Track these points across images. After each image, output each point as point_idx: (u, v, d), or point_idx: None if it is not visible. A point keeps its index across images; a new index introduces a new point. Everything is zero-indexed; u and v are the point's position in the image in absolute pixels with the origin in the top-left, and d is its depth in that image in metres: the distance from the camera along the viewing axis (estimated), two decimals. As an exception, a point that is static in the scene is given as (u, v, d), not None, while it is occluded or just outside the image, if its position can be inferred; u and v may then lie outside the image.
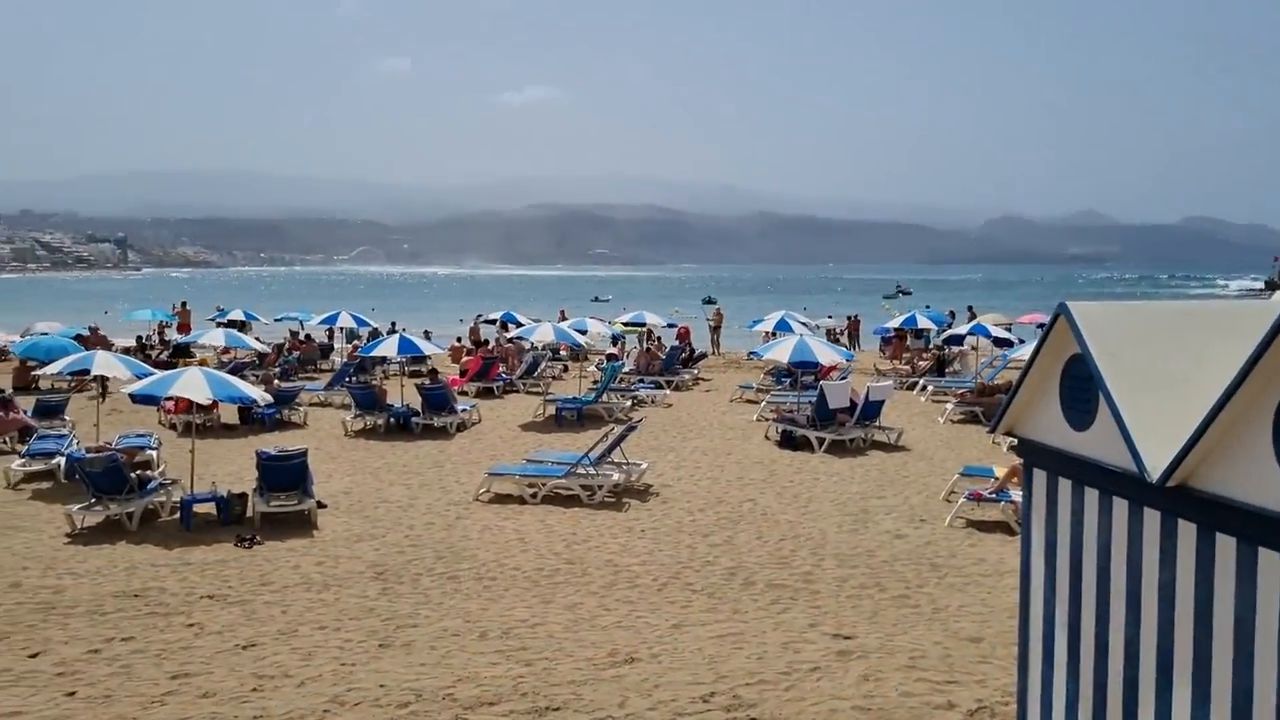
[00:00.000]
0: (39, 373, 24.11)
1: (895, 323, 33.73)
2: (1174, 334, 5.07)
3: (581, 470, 15.11)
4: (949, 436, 20.37)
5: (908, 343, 34.23)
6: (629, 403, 23.87)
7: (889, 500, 14.82)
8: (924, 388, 26.82)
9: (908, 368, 30.48)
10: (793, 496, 15.08)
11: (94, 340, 28.10)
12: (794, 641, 9.11)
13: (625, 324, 35.86)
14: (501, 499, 14.87)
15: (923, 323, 33.14)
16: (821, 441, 18.60)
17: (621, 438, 15.80)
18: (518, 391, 27.18)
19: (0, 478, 15.99)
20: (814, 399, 19.74)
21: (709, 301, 76.51)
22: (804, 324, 31.84)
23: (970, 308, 40.55)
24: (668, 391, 26.37)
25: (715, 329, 39.80)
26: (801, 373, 23.26)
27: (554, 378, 29.71)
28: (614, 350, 32.53)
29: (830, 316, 44.68)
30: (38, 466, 16.30)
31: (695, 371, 30.27)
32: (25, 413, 19.62)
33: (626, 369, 27.95)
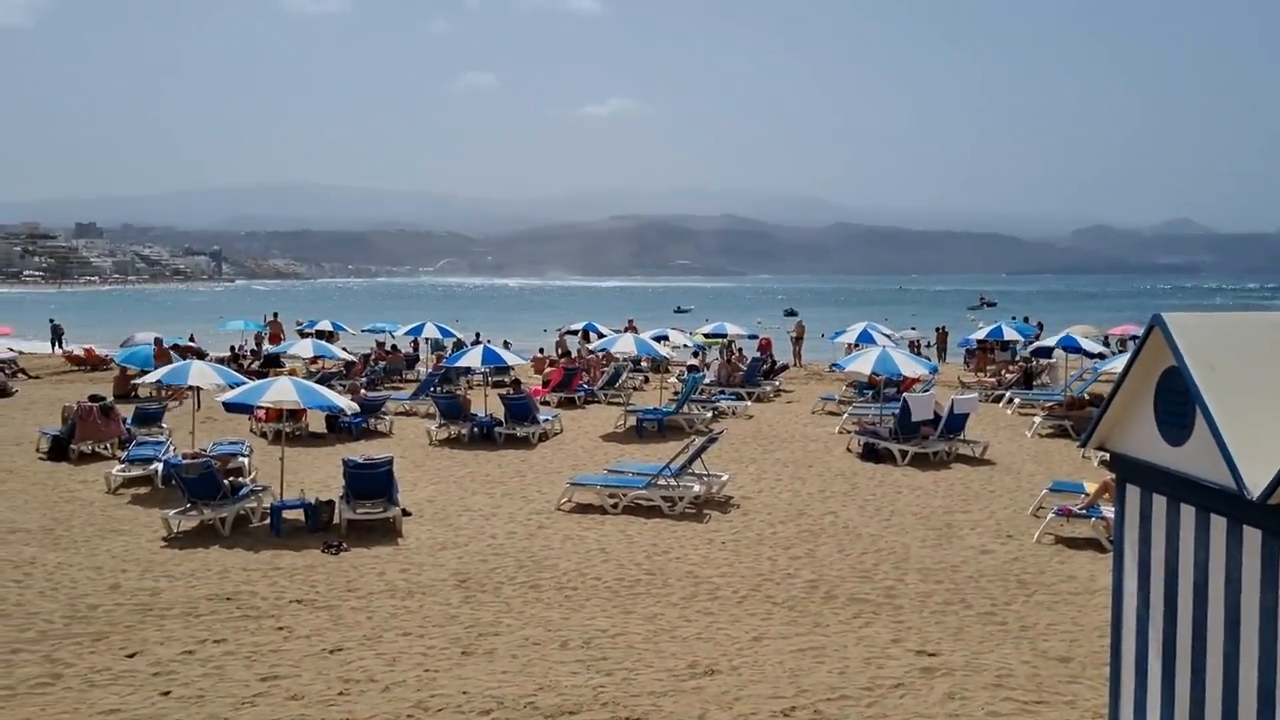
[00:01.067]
0: (138, 381, 24.91)
1: (980, 334, 33.16)
2: (1274, 346, 4.92)
3: (662, 481, 15.12)
4: (1037, 450, 19.95)
5: (993, 354, 33.63)
6: (710, 414, 23.81)
7: (974, 515, 14.56)
8: (1010, 400, 26.31)
9: (993, 380, 29.95)
10: (875, 509, 14.90)
11: (161, 354, 28.68)
12: (876, 657, 9.00)
13: (706, 335, 35.81)
14: (583, 509, 14.95)
15: (1009, 334, 32.52)
16: (904, 454, 18.36)
17: (702, 449, 15.77)
18: (599, 402, 27.30)
19: (101, 482, 16.55)
20: (897, 411, 19.50)
21: (790, 313, 76.22)
22: (887, 336, 31.45)
23: (1027, 319, 39.80)
24: (749, 403, 26.26)
25: (797, 340, 39.56)
26: (884, 384, 23.00)
27: (635, 389, 29.80)
28: (695, 361, 32.52)
29: (914, 329, 44.01)
30: (136, 472, 16.83)
31: (777, 383, 30.10)
32: (125, 420, 20.25)
33: (707, 380, 27.88)
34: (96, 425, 19.23)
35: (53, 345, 45.30)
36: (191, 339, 40.36)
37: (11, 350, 36.97)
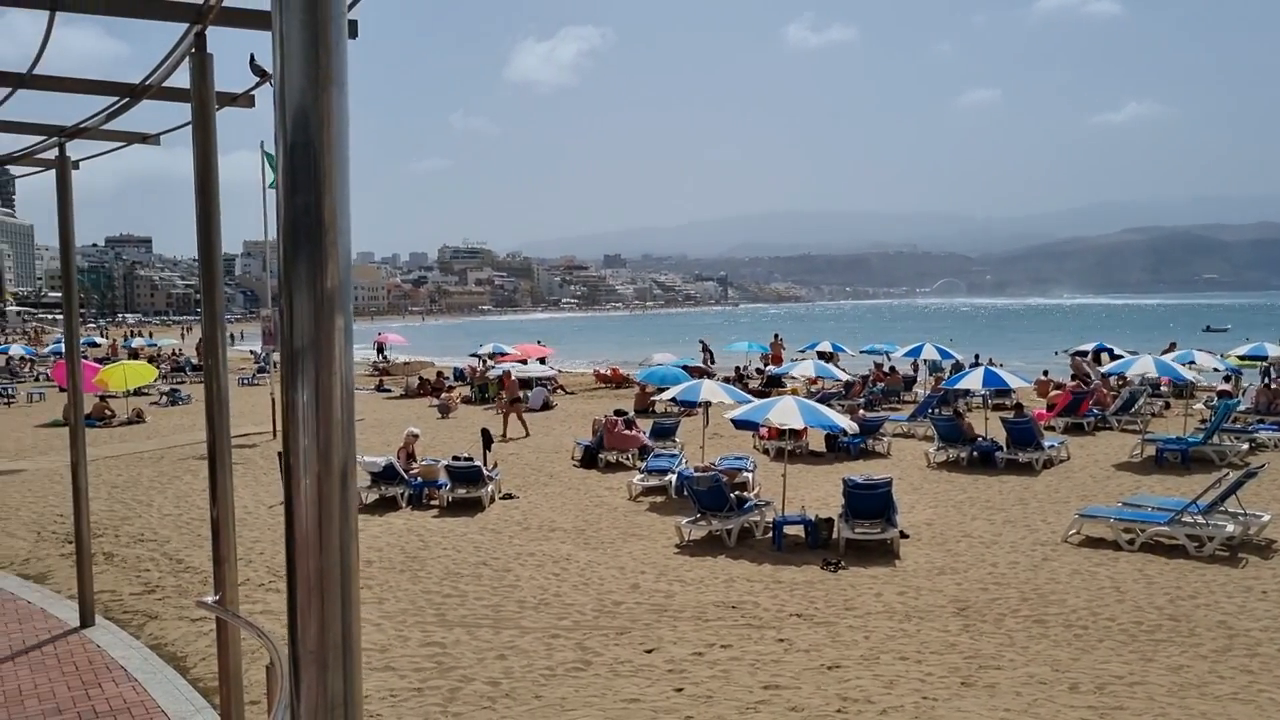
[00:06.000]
0: (656, 398, 27.11)
1: None
2: None
3: (1188, 518, 13.68)
4: None
5: None
6: (1245, 446, 21.17)
7: None
8: None
9: None
10: None
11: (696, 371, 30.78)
12: None
13: (1241, 357, 31.92)
14: (1093, 543, 13.93)
15: None
16: None
17: (1237, 485, 14.05)
18: (1111, 429, 25.34)
19: (624, 490, 18.18)
20: None
21: (1351, 332, 65.76)
22: None
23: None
24: (1296, 435, 23.00)
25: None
26: None
27: (1153, 415, 27.27)
28: (1227, 386, 29.12)
29: None
30: (653, 482, 18.26)
31: (1333, 413, 26.08)
32: (643, 433, 22.07)
33: (1242, 408, 24.86)
34: (620, 436, 21.16)
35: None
36: (712, 360, 43.08)
37: (553, 369, 41.78)
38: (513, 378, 29.47)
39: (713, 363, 42.00)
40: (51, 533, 15.07)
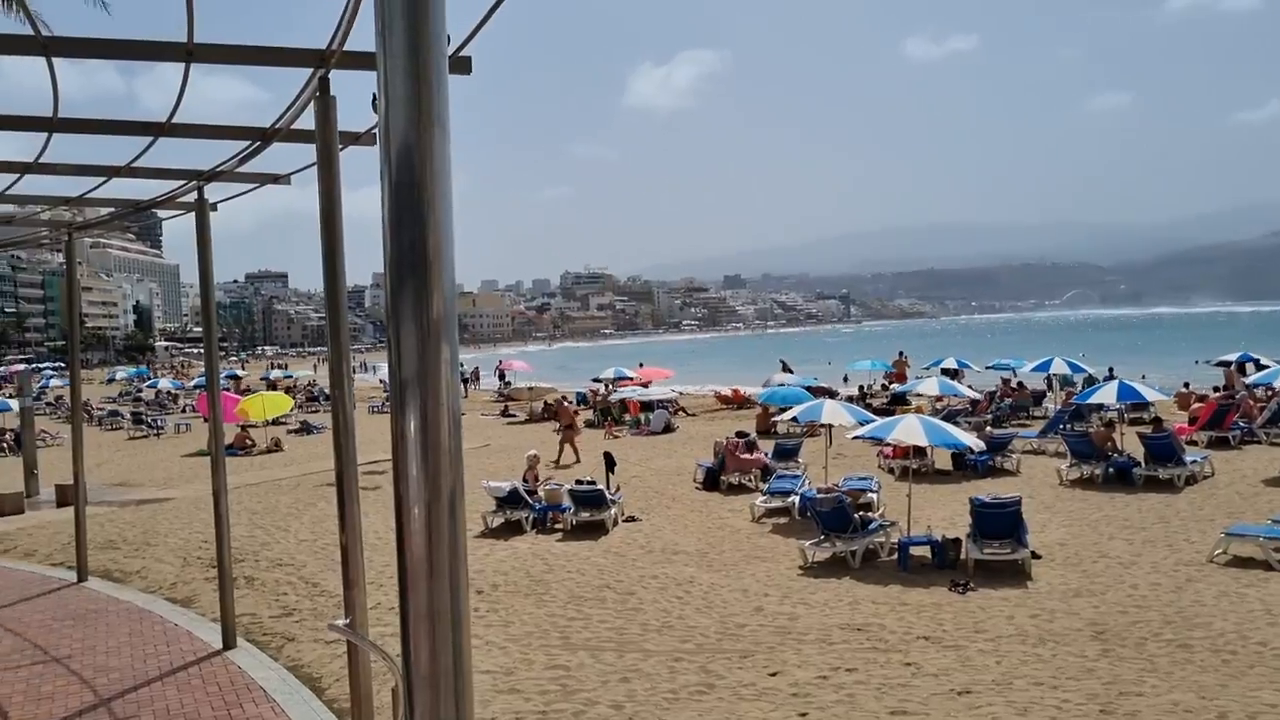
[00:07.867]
0: (778, 418, 26.89)
1: None
2: None
3: (1345, 536, 12.94)
4: None
5: None
6: None
7: None
8: None
9: None
10: None
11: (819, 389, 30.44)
12: None
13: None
14: (1242, 563, 13.27)
15: None
16: None
17: (1399, 500, 13.24)
18: (1259, 442, 24.13)
19: (746, 511, 18.08)
20: None
21: None
22: None
23: None
24: None
25: None
26: None
27: (1306, 427, 25.87)
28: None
29: None
30: (776, 503, 18.12)
31: None
32: (765, 454, 21.92)
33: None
34: (742, 458, 21.07)
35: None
36: (848, 382, 42.66)
37: (673, 391, 41.87)
38: (566, 404, 30.05)
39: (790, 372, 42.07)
40: (197, 558, 15.75)
